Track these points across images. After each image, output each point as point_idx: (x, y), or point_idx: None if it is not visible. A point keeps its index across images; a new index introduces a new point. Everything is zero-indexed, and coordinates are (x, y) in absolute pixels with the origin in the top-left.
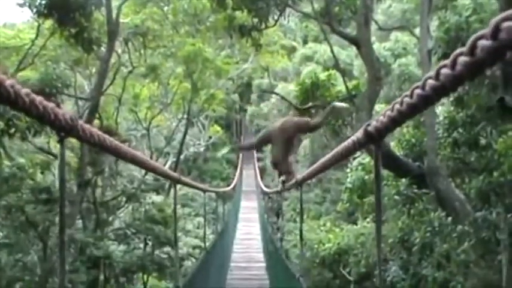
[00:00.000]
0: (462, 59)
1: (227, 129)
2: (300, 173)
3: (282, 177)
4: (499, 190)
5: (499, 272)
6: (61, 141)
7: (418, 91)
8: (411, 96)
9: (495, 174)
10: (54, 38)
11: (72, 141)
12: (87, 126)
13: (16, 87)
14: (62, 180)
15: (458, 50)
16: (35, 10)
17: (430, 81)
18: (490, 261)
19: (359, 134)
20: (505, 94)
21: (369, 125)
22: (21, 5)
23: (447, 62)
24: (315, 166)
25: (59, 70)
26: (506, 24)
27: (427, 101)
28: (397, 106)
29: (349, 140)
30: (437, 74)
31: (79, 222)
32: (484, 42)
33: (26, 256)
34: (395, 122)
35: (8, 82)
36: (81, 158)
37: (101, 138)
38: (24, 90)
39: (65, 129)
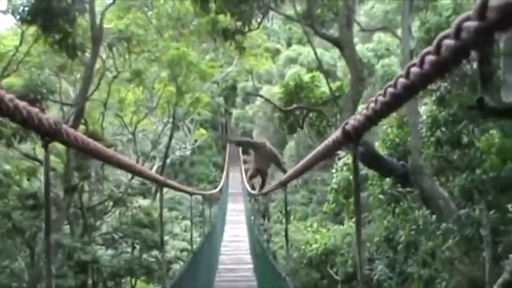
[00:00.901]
0: (429, 57)
1: (213, 132)
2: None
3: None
4: (482, 187)
5: (482, 269)
6: (45, 145)
7: (390, 90)
8: (384, 95)
9: (477, 171)
10: (38, 45)
11: (58, 147)
12: (71, 130)
13: (0, 93)
14: (47, 185)
15: (425, 49)
16: (18, 17)
17: (401, 80)
18: (474, 257)
19: (338, 133)
20: (484, 94)
21: (346, 123)
22: (4, 12)
23: (416, 61)
24: (297, 166)
25: (44, 76)
26: (466, 24)
27: (399, 99)
28: (372, 105)
29: (329, 139)
30: (407, 72)
31: (66, 228)
32: (448, 42)
33: (14, 262)
34: (371, 120)
35: None
36: (67, 163)
37: (85, 142)
38: (8, 96)
39: (49, 134)
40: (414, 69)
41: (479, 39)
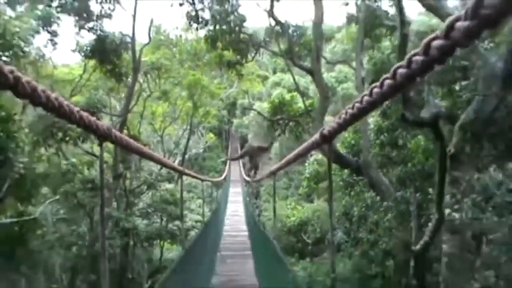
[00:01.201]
0: (387, 81)
1: (219, 136)
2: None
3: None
4: (411, 177)
5: (411, 234)
6: (100, 144)
7: (357, 104)
8: (353, 108)
9: (409, 165)
10: (95, 73)
11: (109, 146)
12: (118, 133)
13: (71, 107)
14: (101, 172)
15: (384, 76)
16: (82, 54)
17: (366, 98)
18: (406, 226)
19: (317, 136)
20: (405, 111)
21: (323, 129)
22: (73, 51)
23: (377, 84)
24: (284, 160)
25: (99, 95)
26: (415, 58)
27: (364, 111)
28: (343, 115)
29: (309, 141)
30: (371, 92)
31: (114, 204)
32: (401, 70)
33: (79, 228)
34: (342, 126)
35: (66, 103)
36: (115, 157)
37: (128, 142)
38: (76, 108)
39: (103, 136)
40: (376, 90)
41: (424, 69)
